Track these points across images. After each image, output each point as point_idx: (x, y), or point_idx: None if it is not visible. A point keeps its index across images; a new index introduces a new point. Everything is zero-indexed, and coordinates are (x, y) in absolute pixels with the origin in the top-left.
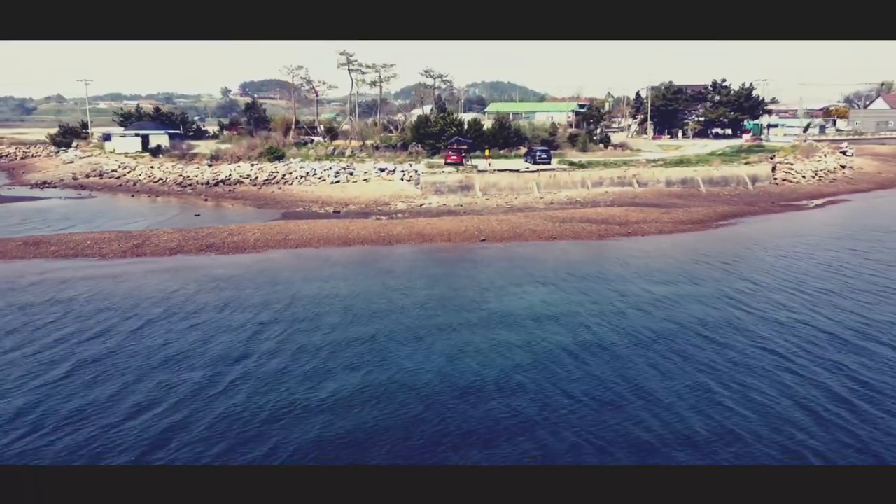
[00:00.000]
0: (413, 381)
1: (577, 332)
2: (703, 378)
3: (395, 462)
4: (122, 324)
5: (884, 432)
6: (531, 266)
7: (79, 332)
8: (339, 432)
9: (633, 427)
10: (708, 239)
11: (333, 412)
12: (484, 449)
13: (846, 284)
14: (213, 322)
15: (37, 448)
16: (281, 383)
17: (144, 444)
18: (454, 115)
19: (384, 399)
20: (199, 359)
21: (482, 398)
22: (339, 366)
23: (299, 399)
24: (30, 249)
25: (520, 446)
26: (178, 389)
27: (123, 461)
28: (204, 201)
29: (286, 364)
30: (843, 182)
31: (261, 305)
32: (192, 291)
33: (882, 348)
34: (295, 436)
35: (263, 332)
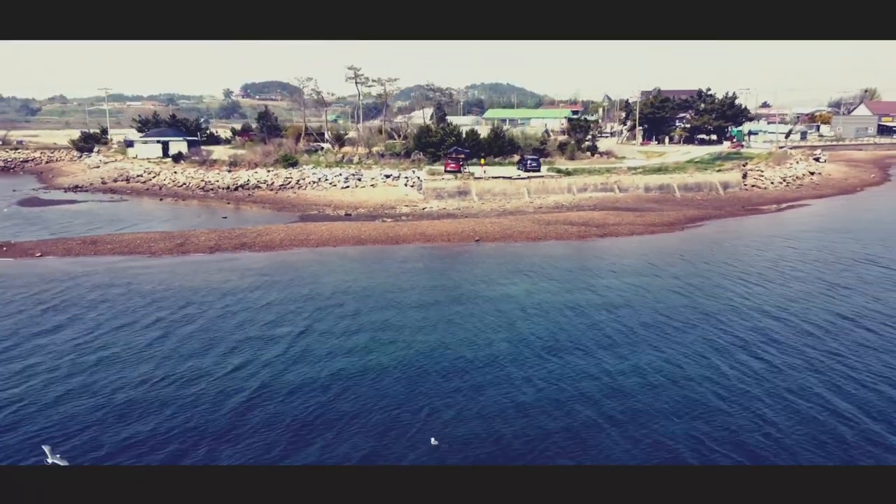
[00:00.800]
0: (419, 352)
1: (550, 313)
2: (645, 348)
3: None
4: (193, 307)
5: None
6: (519, 262)
7: (161, 312)
8: (375, 385)
9: (576, 382)
10: (673, 239)
11: (373, 372)
12: (462, 383)
13: (781, 275)
14: (262, 305)
15: (152, 391)
16: (334, 352)
17: (241, 382)
18: (453, 126)
19: (398, 363)
20: (262, 333)
21: (469, 362)
22: (363, 339)
23: (349, 364)
24: (90, 247)
25: (497, 389)
26: (264, 355)
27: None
28: (227, 205)
29: (328, 337)
30: (809, 188)
31: (295, 292)
32: (237, 281)
33: (795, 320)
34: (343, 385)
35: (301, 313)
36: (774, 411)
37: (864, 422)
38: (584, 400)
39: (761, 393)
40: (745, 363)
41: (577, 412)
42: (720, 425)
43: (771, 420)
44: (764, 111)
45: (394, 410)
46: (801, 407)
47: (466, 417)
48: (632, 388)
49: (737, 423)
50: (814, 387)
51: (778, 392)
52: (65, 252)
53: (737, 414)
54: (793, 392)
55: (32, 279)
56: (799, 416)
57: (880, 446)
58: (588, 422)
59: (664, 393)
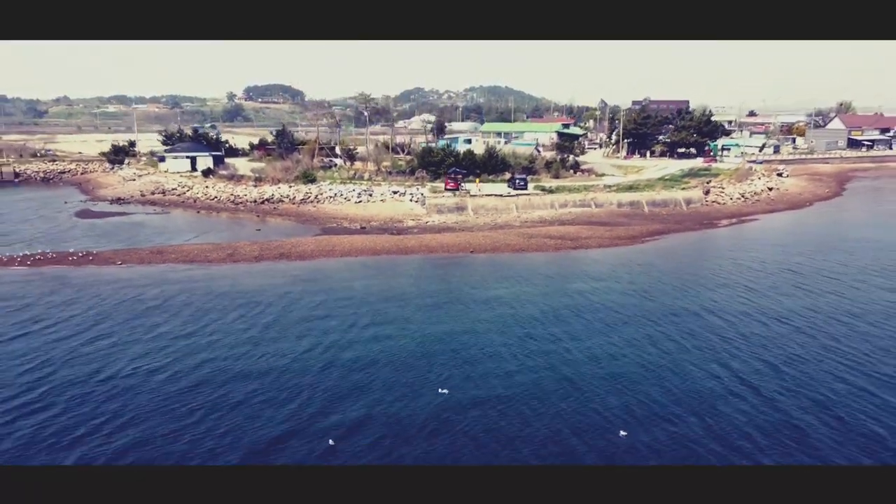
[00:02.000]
0: (431, 337)
1: (527, 309)
2: (595, 335)
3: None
4: (260, 305)
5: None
6: (505, 270)
7: (239, 309)
8: (404, 356)
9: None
10: (634, 251)
11: (402, 349)
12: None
13: (713, 281)
14: (314, 305)
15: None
16: (375, 337)
17: (304, 363)
18: (451, 148)
19: (417, 344)
20: (320, 325)
21: (465, 343)
22: (392, 329)
23: (379, 348)
24: (157, 256)
25: (477, 370)
26: (328, 339)
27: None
28: (255, 217)
29: (367, 327)
30: (764, 203)
31: (334, 295)
32: (286, 286)
33: (711, 317)
34: (371, 367)
35: (344, 310)
36: (675, 383)
37: (758, 398)
38: (546, 366)
39: (674, 368)
40: (669, 348)
41: (540, 373)
42: (637, 394)
43: (668, 388)
44: (750, 120)
45: (415, 371)
46: (695, 380)
47: (465, 376)
48: (579, 358)
49: (643, 388)
50: (713, 364)
51: (683, 367)
52: (139, 261)
53: (647, 383)
54: (696, 367)
55: (125, 283)
56: (696, 389)
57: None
58: (543, 378)
59: (602, 364)
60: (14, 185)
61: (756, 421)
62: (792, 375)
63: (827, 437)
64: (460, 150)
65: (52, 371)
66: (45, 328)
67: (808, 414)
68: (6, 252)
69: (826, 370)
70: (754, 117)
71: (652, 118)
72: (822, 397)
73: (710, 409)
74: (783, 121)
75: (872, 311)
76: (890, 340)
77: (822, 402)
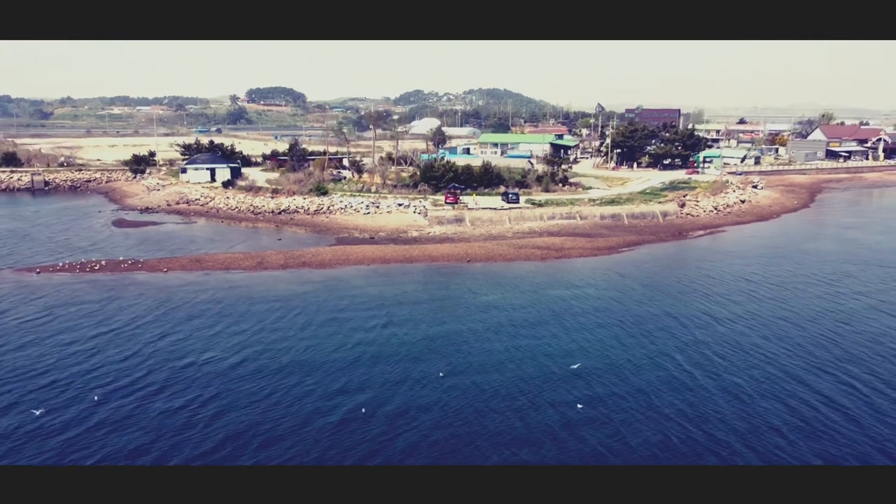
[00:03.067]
0: (430, 337)
1: (516, 310)
2: (567, 329)
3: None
4: (287, 309)
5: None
6: (497, 278)
7: (278, 311)
8: (416, 346)
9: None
10: (610, 260)
11: (411, 341)
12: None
13: (675, 288)
14: (331, 308)
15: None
16: (393, 333)
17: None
18: (452, 163)
19: (423, 338)
20: (339, 328)
21: (462, 336)
22: (405, 327)
23: (397, 339)
24: (197, 264)
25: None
26: (359, 335)
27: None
28: (274, 227)
29: (387, 326)
30: (734, 215)
31: (354, 298)
32: (310, 291)
33: (668, 318)
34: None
35: (366, 311)
36: (627, 371)
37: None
38: (528, 357)
39: (629, 359)
40: (629, 344)
41: (522, 362)
42: (595, 378)
43: (622, 375)
44: (740, 127)
45: (425, 362)
46: (643, 369)
47: (463, 365)
48: (553, 352)
49: (601, 374)
50: (662, 358)
51: (636, 359)
52: (181, 268)
53: (605, 370)
54: (647, 359)
55: (176, 289)
56: (644, 376)
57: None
58: (524, 365)
59: (572, 356)
60: (45, 193)
61: (686, 397)
62: (722, 366)
63: (732, 411)
64: (459, 162)
65: (156, 363)
66: (125, 328)
67: (724, 393)
68: (65, 259)
69: (747, 363)
70: (744, 125)
71: (639, 132)
72: (736, 381)
73: (653, 390)
74: (771, 129)
75: (801, 315)
76: (807, 339)
77: (735, 385)
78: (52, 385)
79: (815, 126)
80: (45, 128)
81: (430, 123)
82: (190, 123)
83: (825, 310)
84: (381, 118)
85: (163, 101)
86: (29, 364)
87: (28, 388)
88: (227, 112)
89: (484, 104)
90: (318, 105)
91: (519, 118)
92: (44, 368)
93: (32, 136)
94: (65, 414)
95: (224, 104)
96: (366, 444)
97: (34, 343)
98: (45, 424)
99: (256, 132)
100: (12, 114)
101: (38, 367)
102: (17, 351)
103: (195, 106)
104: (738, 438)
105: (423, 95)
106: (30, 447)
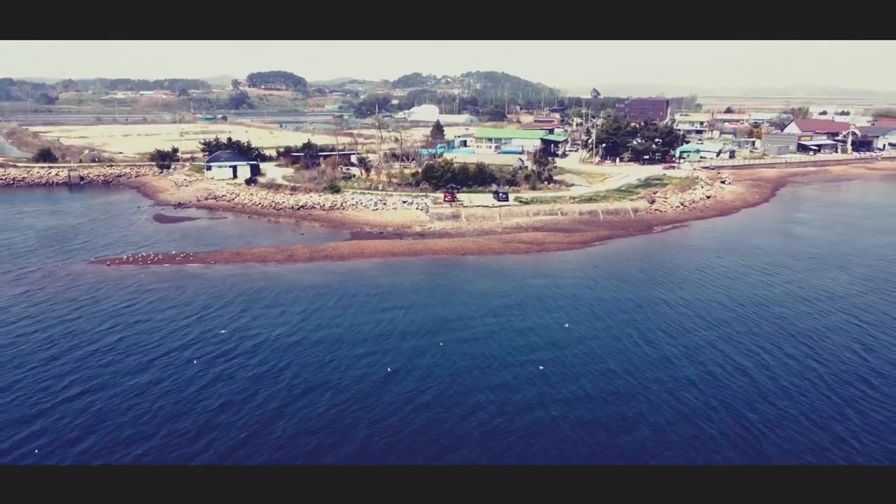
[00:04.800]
0: (436, 318)
1: (499, 296)
2: (539, 312)
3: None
4: (320, 296)
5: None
6: (487, 269)
7: (312, 300)
8: (429, 323)
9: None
10: (583, 253)
11: (423, 320)
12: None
13: (633, 276)
14: (355, 293)
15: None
16: (410, 313)
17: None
18: (450, 164)
19: (428, 318)
20: (366, 310)
21: (458, 316)
22: (417, 310)
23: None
24: (237, 257)
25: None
26: (376, 321)
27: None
28: (295, 222)
29: (404, 309)
30: (699, 210)
31: (372, 286)
32: (336, 282)
33: (619, 303)
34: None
35: (379, 300)
36: (585, 345)
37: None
38: (510, 332)
39: (584, 334)
40: (586, 321)
41: (506, 334)
42: (550, 345)
43: (576, 348)
44: (726, 116)
45: (433, 335)
46: (588, 341)
47: (460, 338)
48: (527, 328)
49: (559, 345)
50: (607, 338)
51: (598, 332)
52: (225, 260)
53: (564, 342)
54: (614, 330)
55: (226, 279)
56: (609, 342)
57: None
58: (506, 338)
59: (541, 333)
60: (80, 188)
61: (629, 359)
62: (662, 338)
63: (660, 369)
64: (458, 158)
65: (238, 338)
66: (205, 311)
67: (660, 358)
68: (127, 253)
69: (681, 336)
70: (730, 114)
71: (622, 129)
72: (671, 350)
73: (607, 353)
74: (756, 118)
75: (734, 300)
76: (733, 318)
77: (668, 352)
78: (168, 353)
79: (791, 119)
80: (53, 113)
81: (429, 111)
82: (194, 109)
83: (754, 295)
84: (381, 105)
85: (163, 83)
86: (144, 338)
87: (156, 354)
88: (230, 97)
89: (482, 88)
90: (317, 89)
91: (515, 105)
92: (157, 341)
93: (45, 124)
94: (202, 368)
95: (226, 88)
96: (396, 387)
97: (138, 324)
98: (197, 374)
99: (260, 119)
100: (16, 97)
101: (152, 340)
102: (128, 329)
103: (197, 91)
104: (661, 386)
105: (421, 78)
106: (190, 381)
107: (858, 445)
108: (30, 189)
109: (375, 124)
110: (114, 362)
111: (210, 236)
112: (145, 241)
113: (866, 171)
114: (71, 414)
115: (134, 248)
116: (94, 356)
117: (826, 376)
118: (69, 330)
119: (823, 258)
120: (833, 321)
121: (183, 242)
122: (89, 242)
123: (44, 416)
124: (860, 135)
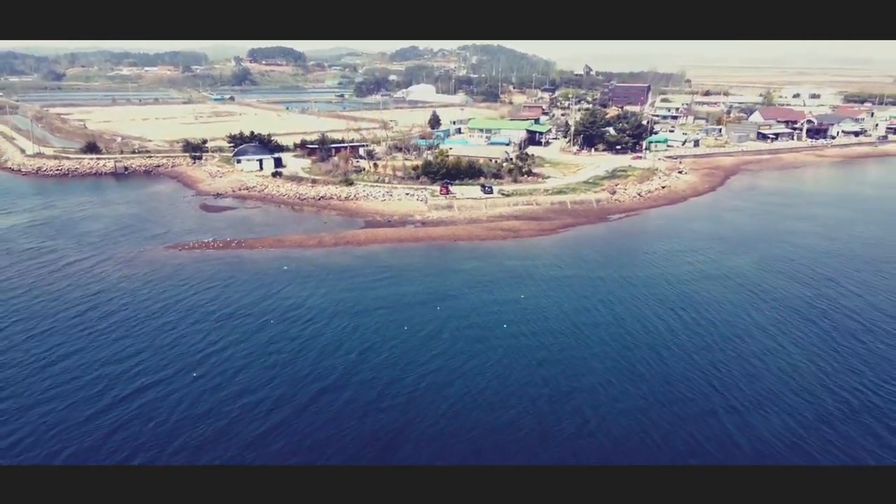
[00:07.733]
0: (434, 290)
1: (482, 274)
2: (508, 288)
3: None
4: (350, 276)
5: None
6: (474, 252)
7: (346, 279)
8: (436, 295)
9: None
10: (549, 239)
11: (430, 293)
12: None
13: (585, 259)
14: (377, 274)
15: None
16: (417, 290)
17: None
18: (445, 159)
19: (432, 289)
20: (386, 286)
21: (454, 288)
22: (420, 286)
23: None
24: (278, 243)
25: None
26: (396, 295)
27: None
28: (316, 212)
29: (413, 284)
30: (652, 200)
31: (386, 268)
32: (361, 265)
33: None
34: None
35: (395, 278)
36: (541, 317)
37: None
38: (488, 301)
39: (549, 300)
40: (551, 291)
41: (481, 300)
42: (507, 311)
43: (530, 319)
44: (704, 99)
45: (432, 303)
46: (539, 321)
47: (455, 306)
48: (499, 299)
49: (512, 317)
50: (551, 320)
51: (554, 302)
52: (269, 246)
53: (515, 311)
54: (564, 301)
55: (276, 261)
56: (555, 308)
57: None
58: (482, 302)
59: (509, 303)
60: (125, 177)
61: (563, 324)
62: (596, 310)
63: (584, 333)
64: (453, 152)
65: (298, 310)
66: (271, 288)
67: (589, 324)
68: (192, 239)
69: (610, 307)
70: (709, 97)
71: (598, 122)
72: (596, 318)
73: (553, 316)
74: (734, 101)
75: (660, 277)
76: (653, 292)
77: (594, 319)
78: (259, 318)
79: (754, 108)
80: (63, 90)
81: (426, 90)
82: (199, 85)
83: (672, 273)
84: (380, 84)
85: (164, 57)
86: (233, 307)
87: (247, 323)
88: (232, 73)
89: (477, 62)
90: (317, 63)
91: (508, 84)
92: (247, 311)
93: (64, 105)
94: (280, 331)
95: (227, 64)
96: (414, 341)
97: (217, 299)
98: (278, 335)
99: (265, 99)
100: (21, 71)
101: (243, 309)
102: (215, 301)
103: (200, 67)
104: (578, 343)
105: (418, 52)
106: (279, 343)
107: (717, 382)
108: (81, 178)
109: (379, 120)
110: (238, 327)
111: (252, 224)
112: (201, 229)
113: (815, 159)
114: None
115: (195, 234)
116: (227, 321)
117: (716, 334)
118: (189, 305)
119: (738, 241)
120: (730, 291)
121: (231, 230)
122: (158, 230)
123: (226, 352)
124: (816, 123)
